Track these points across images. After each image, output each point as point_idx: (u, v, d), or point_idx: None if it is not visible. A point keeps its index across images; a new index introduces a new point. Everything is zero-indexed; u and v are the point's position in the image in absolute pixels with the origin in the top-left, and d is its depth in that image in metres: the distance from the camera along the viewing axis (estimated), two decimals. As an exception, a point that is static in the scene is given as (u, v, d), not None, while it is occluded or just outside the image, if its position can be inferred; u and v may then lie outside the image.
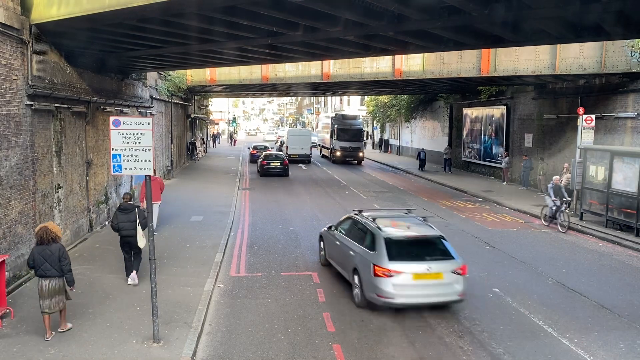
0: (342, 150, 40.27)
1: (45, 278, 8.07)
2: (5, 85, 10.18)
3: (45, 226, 8.26)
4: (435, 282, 9.47)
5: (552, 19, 11.10)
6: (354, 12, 10.45)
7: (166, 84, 27.89)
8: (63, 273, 8.15)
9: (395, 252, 9.55)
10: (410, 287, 9.36)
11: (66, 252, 8.30)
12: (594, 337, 8.92)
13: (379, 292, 9.35)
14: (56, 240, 8.18)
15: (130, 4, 9.38)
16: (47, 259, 8.06)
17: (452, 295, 9.59)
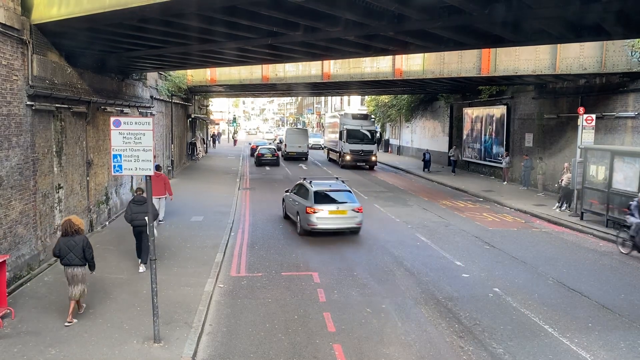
0: (353, 154, 36.12)
1: (70, 266, 8.74)
2: (5, 85, 10.19)
3: (69, 219, 8.95)
4: (342, 216, 15.24)
5: (552, 19, 11.10)
6: (354, 12, 10.46)
7: (166, 84, 27.90)
8: (87, 261, 8.85)
9: (319, 199, 15.29)
10: (326, 219, 15.06)
11: (89, 243, 9.02)
12: (595, 337, 8.92)
13: (309, 222, 15.09)
14: (79, 232, 8.88)
15: (130, 4, 9.39)
16: (72, 249, 8.73)
17: (352, 224, 15.31)
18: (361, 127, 36.81)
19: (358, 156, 36.22)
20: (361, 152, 36.17)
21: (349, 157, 36.21)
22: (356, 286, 11.31)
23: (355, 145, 36.28)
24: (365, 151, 36.38)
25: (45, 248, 12.02)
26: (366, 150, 36.43)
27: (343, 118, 38.30)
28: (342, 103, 75.89)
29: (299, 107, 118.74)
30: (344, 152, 36.71)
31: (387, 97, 46.84)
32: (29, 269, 11.08)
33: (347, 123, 36.96)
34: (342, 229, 15.30)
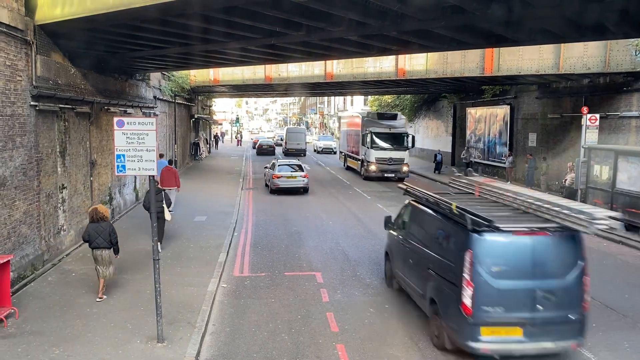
0: (379, 162, 29.24)
1: (98, 249, 9.85)
2: (9, 86, 10.22)
3: (95, 208, 10.28)
4: (295, 180, 23.83)
5: (556, 18, 11.07)
6: (356, 11, 10.45)
7: (170, 85, 27.94)
8: (112, 245, 9.94)
9: (280, 169, 24.21)
10: (285, 181, 23.69)
11: (114, 229, 10.17)
12: (599, 337, 8.88)
13: (273, 184, 23.69)
14: (105, 219, 10.09)
15: (133, 5, 9.41)
16: (100, 234, 9.85)
17: (301, 185, 23.80)
18: (390, 129, 30.35)
19: (385, 165, 29.30)
20: (389, 160, 29.29)
21: (374, 166, 29.25)
22: (359, 286, 11.31)
23: (382, 152, 29.39)
24: (395, 159, 29.36)
25: (49, 248, 12.06)
26: (396, 159, 29.36)
27: (367, 118, 31.63)
28: (345, 103, 75.95)
29: (302, 107, 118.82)
30: (367, 161, 29.80)
31: (390, 97, 46.79)
32: (33, 268, 11.11)
33: (372, 125, 30.49)
34: (293, 188, 23.97)
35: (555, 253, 7.71)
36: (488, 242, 7.53)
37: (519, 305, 7.48)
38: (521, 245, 7.58)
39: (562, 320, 7.58)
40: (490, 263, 7.50)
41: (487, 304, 7.45)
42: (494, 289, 7.45)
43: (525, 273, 7.53)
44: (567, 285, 7.65)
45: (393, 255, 10.89)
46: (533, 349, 7.58)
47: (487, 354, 7.53)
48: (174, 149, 29.48)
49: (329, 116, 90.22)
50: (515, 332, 7.49)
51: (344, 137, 37.96)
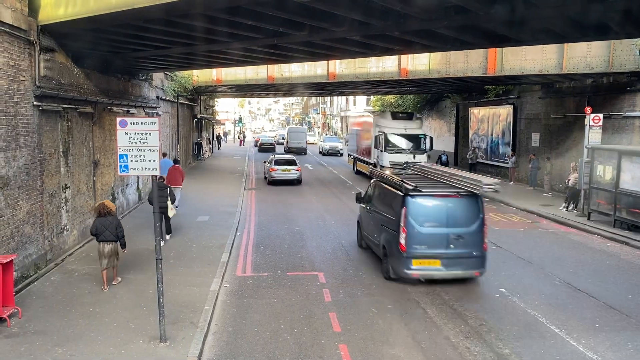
0: (396, 168, 24.84)
1: (105, 242, 10.32)
2: (13, 86, 10.24)
3: (103, 203, 10.79)
4: (289, 172, 27.07)
5: (559, 18, 11.04)
6: (359, 11, 10.44)
7: (172, 85, 27.98)
8: (118, 238, 10.43)
9: (277, 164, 27.45)
10: (280, 173, 26.98)
11: (121, 223, 10.70)
12: (602, 337, 8.87)
13: (270, 176, 27.09)
14: (111, 214, 10.57)
15: (136, 5, 9.42)
16: (107, 227, 10.32)
17: (294, 177, 26.97)
18: (405, 130, 27.67)
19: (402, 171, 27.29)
20: (405, 165, 26.85)
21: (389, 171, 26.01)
22: (362, 286, 11.30)
23: (397, 155, 26.61)
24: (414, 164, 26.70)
25: (52, 248, 12.09)
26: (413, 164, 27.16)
27: (379, 118, 29.02)
28: (348, 103, 75.92)
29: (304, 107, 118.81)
30: (381, 165, 26.68)
31: (393, 97, 46.74)
32: (36, 268, 11.14)
33: (385, 125, 27.94)
34: (287, 179, 27.24)
35: (462, 209, 11.02)
36: (416, 201, 10.91)
37: (438, 245, 10.83)
38: (438, 204, 11.03)
39: (468, 256, 10.89)
40: (418, 216, 10.83)
41: (416, 243, 10.74)
42: (420, 233, 10.79)
43: (441, 222, 10.94)
44: (471, 231, 10.89)
45: (362, 222, 14.15)
46: (448, 275, 11.00)
47: (416, 278, 11.00)
48: (177, 149, 29.50)
49: (331, 116, 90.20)
50: (435, 263, 10.88)
51: (353, 139, 35.52)
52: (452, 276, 11.07)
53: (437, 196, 11.04)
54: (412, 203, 10.85)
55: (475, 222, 10.91)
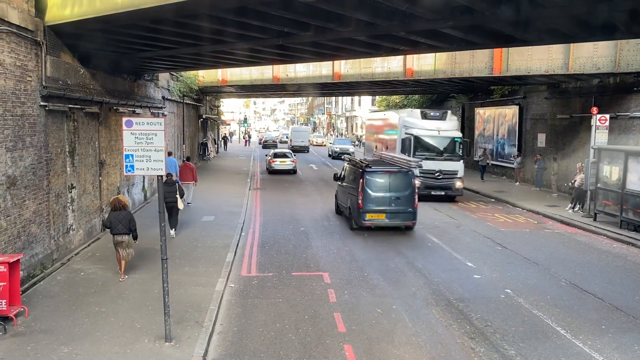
0: (425, 176, 21.61)
1: (119, 235, 10.95)
2: (19, 86, 10.30)
3: (117, 197, 11.56)
4: (286, 164, 32.56)
5: (565, 18, 10.99)
6: (365, 12, 10.43)
7: (178, 85, 28.05)
8: (131, 231, 11.07)
9: (275, 156, 33.40)
10: (278, 164, 32.54)
11: (133, 217, 11.42)
12: (608, 339, 8.82)
13: (270, 167, 32.78)
14: (125, 208, 11.23)
15: (142, 6, 9.45)
16: (121, 221, 10.98)
17: (290, 167, 32.47)
18: (439, 133, 22.85)
19: (433, 180, 22.17)
20: (438, 173, 22.17)
21: (418, 182, 18.62)
22: (367, 287, 11.30)
23: (428, 162, 21.52)
24: (447, 173, 22.31)
25: (58, 247, 12.14)
26: (447, 172, 22.29)
27: (407, 118, 24.13)
28: (353, 103, 75.94)
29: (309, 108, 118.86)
30: None
31: (398, 97, 46.71)
32: (42, 268, 11.19)
33: (414, 126, 23.20)
34: (284, 169, 32.46)
35: (400, 180, 16.12)
36: (369, 174, 15.97)
37: (383, 204, 15.83)
38: (383, 176, 16.12)
39: (403, 212, 15.92)
40: (370, 184, 15.85)
41: (368, 203, 15.71)
42: (371, 196, 15.75)
43: (385, 189, 15.98)
44: (405, 195, 15.92)
45: (338, 194, 19.42)
46: (390, 224, 16.10)
47: (369, 226, 15.98)
48: (182, 149, 29.57)
49: (336, 116, 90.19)
50: (382, 216, 15.91)
51: (369, 142, 31.42)
52: (393, 225, 16.26)
53: (383, 172, 16.26)
54: (367, 175, 15.98)
55: (409, 189, 16.07)
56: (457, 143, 23.06)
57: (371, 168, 16.14)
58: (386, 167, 16.61)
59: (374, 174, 16.09)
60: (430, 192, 22.03)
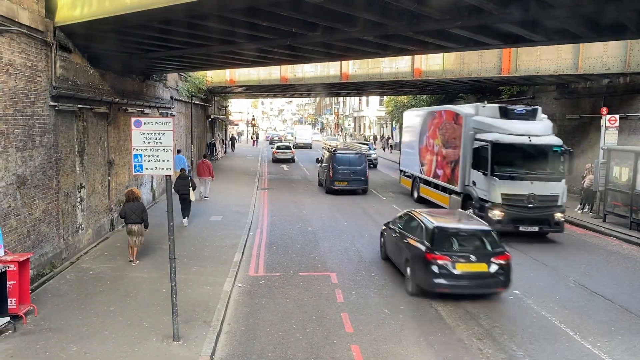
0: (512, 204, 15.46)
1: (132, 224, 12.06)
2: (30, 86, 10.38)
3: (131, 190, 12.61)
4: (286, 154, 40.82)
5: (574, 18, 10.92)
6: (373, 12, 10.42)
7: (186, 85, 28.15)
8: (143, 221, 12.14)
9: (278, 148, 42.00)
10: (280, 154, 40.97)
11: (145, 208, 12.61)
12: (618, 340, 8.76)
13: (274, 157, 41.46)
14: (138, 200, 12.38)
15: (151, 6, 9.49)
16: (134, 211, 12.08)
17: (290, 157, 40.78)
18: (529, 138, 15.86)
19: (523, 211, 15.35)
20: (530, 200, 15.30)
21: (500, 212, 15.23)
22: (374, 287, 11.28)
23: (515, 184, 15.53)
24: (543, 199, 15.51)
25: (68, 246, 12.22)
26: (544, 198, 15.55)
27: (478, 117, 17.16)
28: (361, 103, 75.82)
29: (317, 108, 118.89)
30: (483, 200, 15.97)
31: (406, 98, 46.59)
32: (52, 266, 11.27)
33: (489, 127, 16.45)
34: (285, 159, 39.97)
35: (357, 159, 24.51)
36: (337, 156, 24.34)
37: (346, 175, 23.90)
38: (346, 156, 24.54)
39: (360, 180, 24.00)
40: (337, 162, 23.98)
41: (337, 175, 23.87)
42: (338, 170, 23.87)
43: (348, 165, 24.12)
44: (360, 169, 24.17)
45: (319, 172, 27.30)
46: (350, 188, 23.94)
47: (337, 189, 23.81)
48: (190, 149, 29.67)
49: (344, 117, 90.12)
50: (345, 183, 23.90)
51: (414, 149, 23.12)
52: (351, 189, 24.15)
53: (345, 154, 24.87)
54: (335, 156, 24.33)
55: (362, 165, 24.44)
56: (556, 155, 15.91)
57: (337, 152, 25.16)
58: (347, 151, 26.39)
59: (340, 154, 24.74)
60: (518, 227, 15.28)
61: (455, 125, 18.33)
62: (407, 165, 24.36)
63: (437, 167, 20.03)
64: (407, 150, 24.62)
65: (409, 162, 24.13)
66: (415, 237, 11.03)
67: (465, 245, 10.57)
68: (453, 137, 18.40)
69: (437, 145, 20.06)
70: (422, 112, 23.18)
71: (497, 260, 10.20)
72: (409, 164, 23.98)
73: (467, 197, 17.05)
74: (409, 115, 25.40)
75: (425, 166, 21.58)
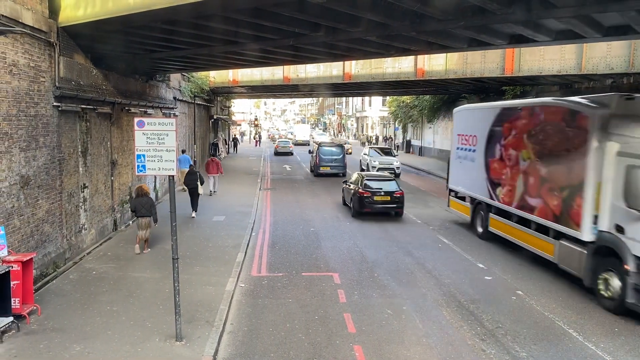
0: None
1: (142, 217, 13.08)
2: (33, 87, 10.40)
3: (141, 186, 13.62)
4: (286, 149, 50.03)
5: (577, 18, 10.89)
6: (376, 12, 10.41)
7: (189, 86, 28.18)
8: (152, 214, 13.18)
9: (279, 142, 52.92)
10: (281, 148, 50.00)
11: (154, 202, 13.72)
12: (621, 341, 8.74)
13: (276, 151, 50.38)
14: (147, 195, 13.44)
15: (154, 7, 9.50)
16: (144, 206, 13.14)
17: (289, 150, 49.87)
18: None
19: None
20: None
21: None
22: (377, 287, 11.27)
23: None
24: None
25: (71, 246, 12.24)
26: None
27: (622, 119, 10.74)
28: (364, 103, 75.84)
29: (320, 108, 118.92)
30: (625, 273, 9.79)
31: (409, 98, 46.60)
32: (55, 266, 11.29)
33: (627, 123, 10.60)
34: (285, 152, 48.89)
35: (337, 150, 32.22)
36: (321, 148, 32.43)
37: (328, 162, 31.67)
38: (329, 149, 32.46)
39: (339, 166, 31.66)
40: (321, 153, 32.00)
41: (321, 161, 31.72)
42: (323, 158, 31.77)
43: (330, 155, 31.91)
44: (340, 158, 31.76)
45: (311, 161, 34.78)
46: (332, 172, 31.52)
47: (322, 173, 31.61)
48: (193, 150, 29.70)
49: (346, 117, 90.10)
50: (327, 168, 31.66)
51: (474, 161, 16.60)
52: (333, 172, 31.05)
53: (328, 146, 32.95)
54: (320, 148, 32.01)
55: (341, 154, 31.52)
56: None
57: (322, 145, 32.77)
58: (330, 144, 33.97)
59: (324, 147, 32.49)
60: None
61: (569, 130, 11.99)
62: (464, 184, 17.31)
63: (527, 193, 13.45)
64: (464, 162, 17.18)
65: (466, 180, 17.14)
66: (355, 185, 18.95)
67: (380, 187, 18.46)
68: (565, 149, 12.05)
69: (525, 158, 13.65)
70: (489, 109, 16.31)
71: (396, 195, 18.25)
72: (467, 182, 17.04)
73: (603, 250, 10.53)
74: (465, 112, 18.24)
75: (501, 188, 14.80)
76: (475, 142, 16.44)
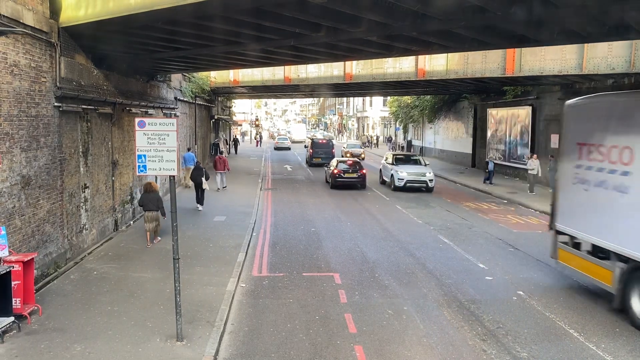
0: None
1: (150, 211, 13.86)
2: (34, 87, 10.42)
3: (149, 182, 14.48)
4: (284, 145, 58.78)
5: (579, 18, 10.90)
6: (377, 12, 10.41)
7: (190, 86, 28.19)
8: (159, 209, 13.89)
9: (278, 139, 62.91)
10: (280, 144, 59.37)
11: (161, 198, 14.30)
12: (622, 342, 8.73)
13: (275, 146, 59.67)
14: (155, 192, 14.12)
15: (155, 7, 9.50)
16: (151, 201, 13.89)
17: (287, 145, 59.33)
18: None
19: None
20: None
21: None
22: (378, 287, 11.27)
23: None
24: None
25: (72, 247, 12.25)
26: None
27: None
28: (365, 104, 75.84)
29: (321, 108, 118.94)
30: None
31: (410, 98, 46.58)
32: (56, 266, 11.30)
33: None
34: (284, 147, 57.94)
35: (326, 145, 39.34)
36: (314, 142, 40.61)
37: (320, 154, 37.89)
38: (320, 143, 40.31)
39: (328, 157, 35.20)
40: (314, 147, 39.41)
41: (315, 154, 38.50)
42: (315, 151, 38.58)
43: (322, 148, 38.79)
44: (328, 150, 37.98)
45: (306, 154, 42.02)
46: (322, 162, 35.28)
47: (315, 162, 37.46)
48: (194, 150, 29.70)
49: (347, 117, 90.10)
50: (319, 159, 36.95)
51: (635, 194, 9.24)
52: (323, 162, 33.70)
53: (320, 142, 40.24)
54: (313, 142, 40.32)
55: (331, 148, 38.17)
56: None
57: (314, 140, 39.90)
58: (322, 139, 41.23)
59: (317, 142, 39.64)
60: None
61: None
62: (597, 228, 10.34)
63: None
64: (596, 191, 10.38)
65: (602, 221, 10.22)
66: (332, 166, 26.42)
67: (348, 167, 26.13)
68: None
69: None
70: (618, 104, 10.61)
71: (360, 172, 25.86)
72: (605, 225, 10.11)
73: None
74: (598, 106, 11.31)
75: None
76: (630, 159, 9.45)
